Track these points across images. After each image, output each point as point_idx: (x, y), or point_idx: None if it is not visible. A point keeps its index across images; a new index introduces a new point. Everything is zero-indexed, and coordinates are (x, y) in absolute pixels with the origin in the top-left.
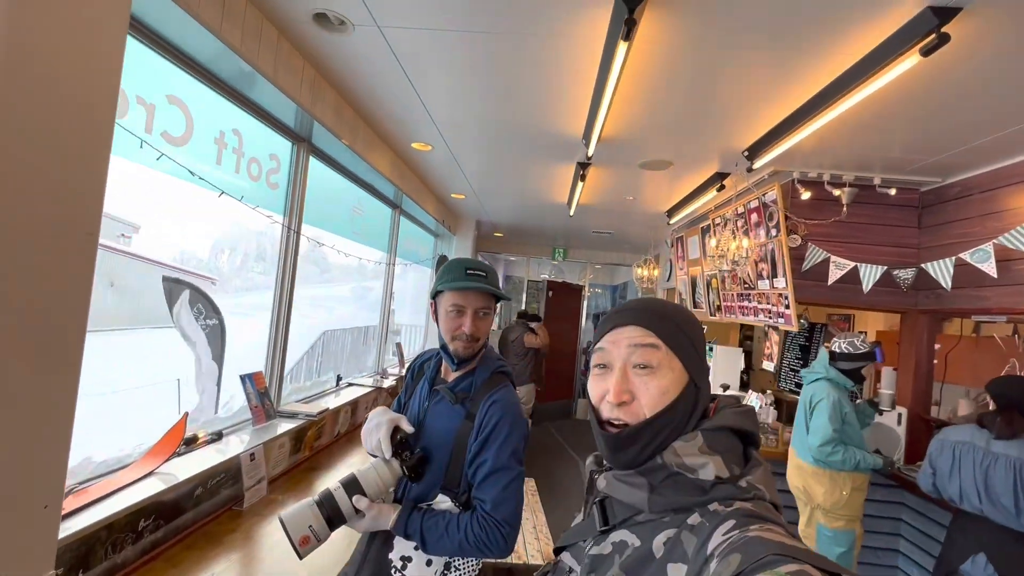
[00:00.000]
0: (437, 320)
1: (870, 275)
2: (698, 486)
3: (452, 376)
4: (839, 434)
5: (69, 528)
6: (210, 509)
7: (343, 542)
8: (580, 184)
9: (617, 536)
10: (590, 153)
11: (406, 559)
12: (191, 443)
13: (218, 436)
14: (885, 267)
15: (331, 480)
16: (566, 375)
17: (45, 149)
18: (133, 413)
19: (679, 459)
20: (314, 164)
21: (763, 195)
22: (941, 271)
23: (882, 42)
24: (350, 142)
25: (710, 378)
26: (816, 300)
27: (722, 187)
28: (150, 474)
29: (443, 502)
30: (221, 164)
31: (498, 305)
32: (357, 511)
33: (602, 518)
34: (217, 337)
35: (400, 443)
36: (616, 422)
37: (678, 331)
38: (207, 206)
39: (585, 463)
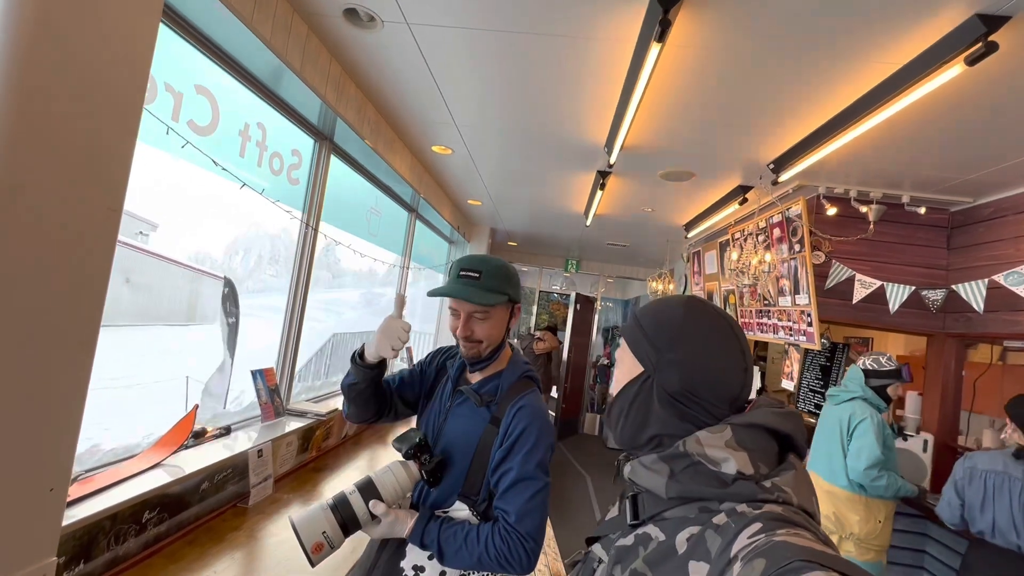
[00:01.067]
0: None
1: (897, 295)
2: (718, 478)
3: (477, 378)
4: (885, 458)
5: (73, 516)
6: (215, 505)
7: (350, 543)
8: (599, 193)
9: (642, 530)
10: (612, 161)
11: (418, 568)
12: (200, 436)
13: (226, 431)
14: (912, 287)
15: (338, 482)
16: (576, 389)
17: (74, 120)
18: (144, 408)
19: (701, 449)
20: (335, 163)
21: (787, 210)
22: (973, 293)
23: (925, 50)
24: (372, 142)
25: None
26: (839, 319)
27: (744, 200)
28: (157, 465)
29: (460, 510)
30: (244, 156)
31: (517, 304)
32: (373, 517)
33: (633, 512)
34: (233, 333)
35: (419, 446)
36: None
37: (638, 329)
38: (224, 206)
39: (589, 480)
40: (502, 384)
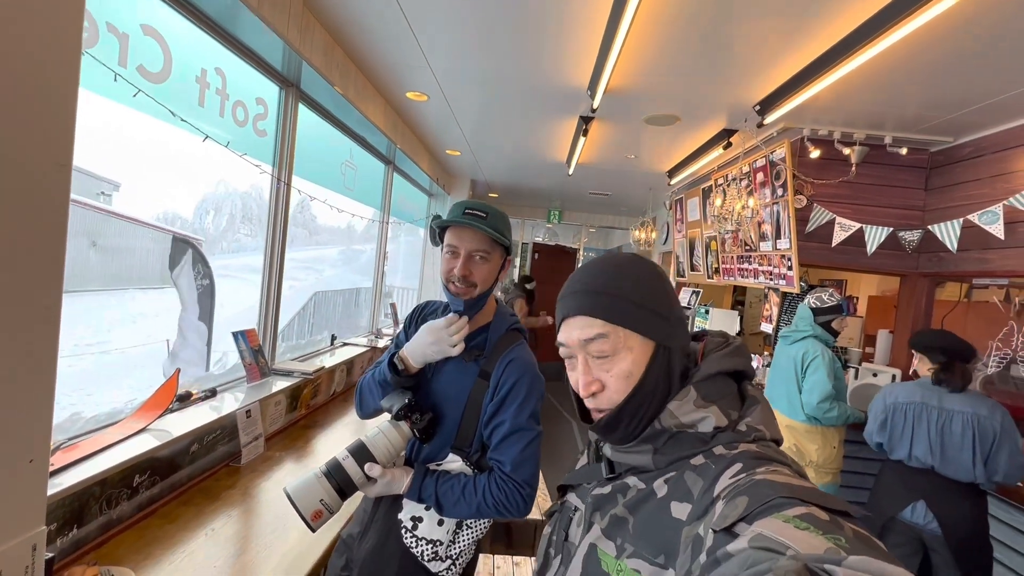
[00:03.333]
0: None
1: (875, 237)
2: (699, 439)
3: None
4: (836, 390)
5: (60, 483)
6: (207, 465)
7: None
8: (582, 140)
9: (620, 480)
10: (595, 105)
11: (416, 519)
12: (184, 400)
13: (212, 393)
14: (890, 229)
15: (330, 438)
16: None
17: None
18: (125, 373)
19: (676, 420)
20: (304, 112)
21: (771, 153)
22: (948, 233)
23: None
24: (342, 88)
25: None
26: (819, 262)
27: (729, 144)
28: (143, 430)
29: (453, 462)
30: (204, 106)
31: (509, 256)
32: (369, 478)
33: (608, 467)
34: (208, 296)
35: (409, 406)
36: (597, 411)
37: (627, 304)
38: (189, 162)
39: (575, 425)
40: (490, 337)
